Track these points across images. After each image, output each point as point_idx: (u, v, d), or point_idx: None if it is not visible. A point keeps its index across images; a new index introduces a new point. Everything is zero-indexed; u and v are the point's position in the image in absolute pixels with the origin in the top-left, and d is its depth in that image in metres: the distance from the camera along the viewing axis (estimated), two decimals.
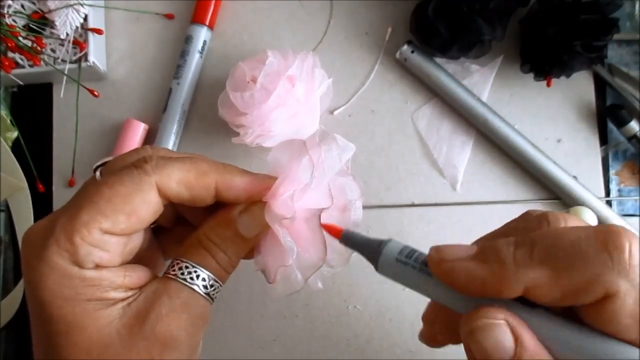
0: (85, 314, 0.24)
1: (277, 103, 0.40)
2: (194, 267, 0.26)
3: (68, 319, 0.24)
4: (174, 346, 0.25)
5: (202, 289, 0.26)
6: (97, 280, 0.25)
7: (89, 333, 0.24)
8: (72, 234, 0.24)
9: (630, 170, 0.46)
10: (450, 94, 0.44)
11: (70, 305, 0.24)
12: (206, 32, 0.46)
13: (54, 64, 0.45)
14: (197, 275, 0.26)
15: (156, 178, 0.25)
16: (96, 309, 0.25)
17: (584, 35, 0.40)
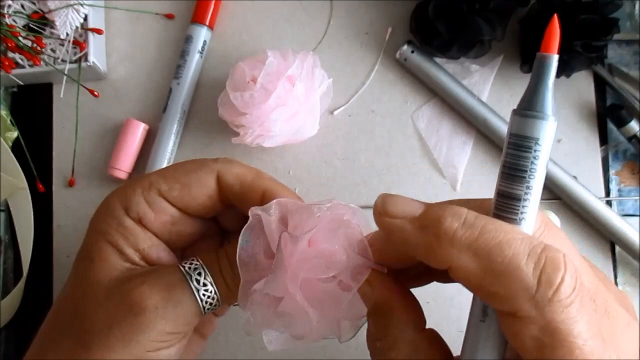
0: (102, 252, 0.28)
1: (277, 103, 0.40)
2: (206, 273, 0.27)
3: (90, 249, 0.28)
4: (138, 312, 0.26)
5: (200, 294, 0.27)
6: (127, 231, 0.28)
7: (96, 271, 0.27)
8: (135, 186, 0.29)
9: (630, 170, 0.46)
10: (450, 94, 0.44)
11: (98, 240, 0.28)
12: (206, 32, 0.46)
13: (54, 64, 0.45)
14: (203, 281, 0.27)
15: (218, 167, 0.29)
16: (110, 253, 0.28)
17: (584, 35, 0.40)
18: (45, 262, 0.46)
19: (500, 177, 0.21)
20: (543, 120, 0.20)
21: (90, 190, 0.46)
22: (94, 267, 0.27)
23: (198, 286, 0.27)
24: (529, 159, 0.20)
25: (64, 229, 0.46)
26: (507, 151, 0.21)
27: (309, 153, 0.46)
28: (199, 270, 0.27)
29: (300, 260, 0.26)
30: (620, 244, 0.43)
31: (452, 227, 0.21)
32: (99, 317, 0.26)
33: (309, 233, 0.25)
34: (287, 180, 0.46)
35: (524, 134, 0.20)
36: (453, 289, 0.45)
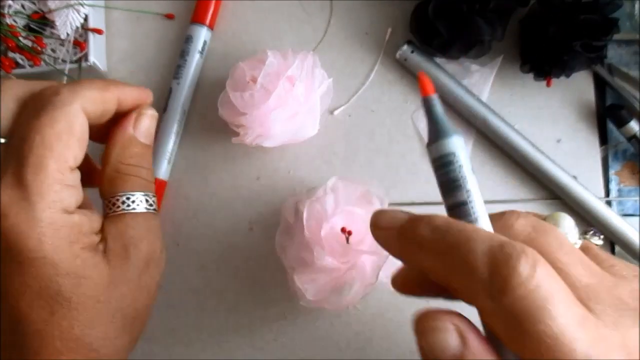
0: (85, 263, 0.26)
1: (277, 103, 0.40)
2: (131, 195, 0.29)
3: (73, 271, 0.26)
4: (157, 262, 0.30)
5: (148, 206, 0.30)
6: (81, 226, 0.27)
7: (93, 281, 0.26)
8: (51, 182, 0.25)
9: (630, 170, 0.46)
10: (450, 94, 0.44)
11: (72, 256, 0.26)
12: (206, 32, 0.46)
13: (54, 64, 0.45)
14: (137, 199, 0.29)
15: (80, 102, 0.27)
16: (89, 256, 0.27)
17: (584, 35, 0.40)
18: None
19: (443, 196, 0.24)
20: (449, 138, 0.24)
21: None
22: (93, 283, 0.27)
23: (142, 205, 0.30)
24: (455, 169, 0.24)
25: None
26: (437, 174, 0.24)
27: (309, 153, 0.46)
28: (129, 199, 0.29)
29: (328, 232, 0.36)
30: (620, 244, 0.43)
31: (423, 232, 0.22)
32: None
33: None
34: (287, 180, 0.46)
35: (442, 154, 0.24)
36: None
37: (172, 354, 0.45)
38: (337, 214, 0.38)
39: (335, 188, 0.39)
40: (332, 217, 0.37)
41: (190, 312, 0.45)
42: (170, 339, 0.45)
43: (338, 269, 0.37)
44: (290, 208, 0.41)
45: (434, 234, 0.22)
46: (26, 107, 0.27)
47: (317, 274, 0.37)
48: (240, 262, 0.45)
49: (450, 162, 0.24)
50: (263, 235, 0.45)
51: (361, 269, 0.37)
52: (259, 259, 0.45)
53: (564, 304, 0.19)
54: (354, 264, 0.37)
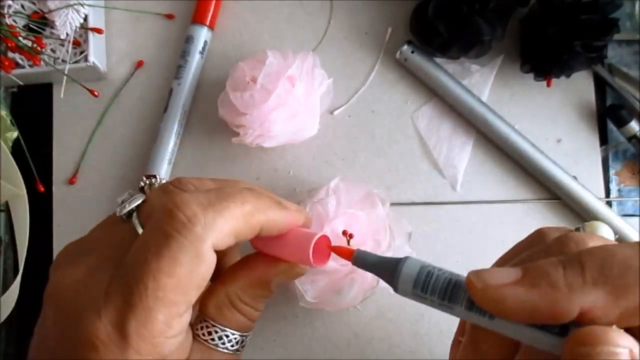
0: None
1: (277, 103, 0.40)
2: (228, 332, 0.26)
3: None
4: None
5: (234, 347, 0.26)
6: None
7: None
8: (155, 336, 0.22)
9: (630, 170, 0.46)
10: (450, 94, 0.44)
11: None
12: (207, 32, 0.46)
13: (54, 64, 0.45)
14: (232, 340, 0.26)
15: (212, 240, 0.23)
16: None
17: (584, 35, 0.40)
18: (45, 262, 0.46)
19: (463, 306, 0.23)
20: (404, 262, 0.23)
21: (90, 190, 0.47)
22: None
23: (228, 344, 0.26)
24: (437, 272, 0.23)
25: (63, 229, 0.46)
26: (436, 293, 0.23)
27: (309, 153, 0.46)
28: (219, 334, 0.26)
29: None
30: None
31: (560, 273, 0.20)
32: None
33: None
34: (287, 181, 0.46)
35: (415, 279, 0.23)
36: None
37: None
38: (338, 216, 0.38)
39: (337, 189, 0.39)
40: (334, 220, 0.37)
41: None
42: None
43: (338, 271, 0.37)
44: None
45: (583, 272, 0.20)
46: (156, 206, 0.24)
47: (317, 275, 0.37)
48: None
49: (428, 272, 0.23)
50: None
51: (362, 272, 0.37)
52: None
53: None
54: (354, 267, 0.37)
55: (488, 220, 0.45)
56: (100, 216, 0.29)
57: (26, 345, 0.29)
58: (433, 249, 0.45)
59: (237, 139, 0.42)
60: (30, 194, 0.46)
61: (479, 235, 0.45)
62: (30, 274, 0.45)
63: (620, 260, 0.19)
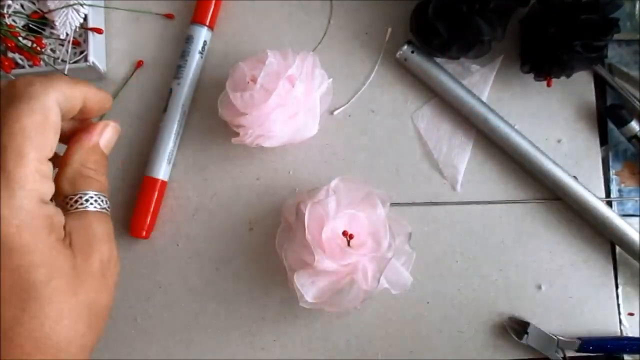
0: (58, 255, 0.27)
1: (277, 103, 0.40)
2: (93, 194, 0.31)
3: (48, 262, 0.26)
4: (114, 261, 0.30)
5: (105, 208, 0.31)
6: (54, 217, 0.27)
7: (65, 274, 0.27)
8: (31, 171, 0.26)
9: (631, 170, 0.46)
10: (450, 94, 0.44)
11: (48, 247, 0.26)
12: (206, 32, 0.46)
13: (53, 64, 0.45)
14: (96, 200, 0.31)
15: (54, 94, 0.28)
16: (62, 248, 0.27)
17: (584, 35, 0.40)
18: None
19: None
20: None
21: None
22: (64, 274, 0.28)
23: (103, 205, 0.31)
24: None
25: None
26: None
27: (309, 153, 0.46)
28: (92, 199, 0.30)
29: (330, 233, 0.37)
30: (620, 244, 0.43)
31: None
32: None
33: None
34: (287, 180, 0.46)
35: None
36: (453, 289, 0.45)
37: (172, 354, 0.45)
38: (338, 217, 0.38)
39: (337, 189, 0.39)
40: (334, 220, 0.37)
41: (190, 312, 0.45)
42: (170, 339, 0.45)
43: (338, 272, 0.37)
44: (291, 208, 0.41)
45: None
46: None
47: (317, 275, 0.37)
48: (240, 262, 0.45)
49: None
50: (263, 235, 0.45)
51: (362, 273, 0.37)
52: (259, 259, 0.45)
53: None
54: (355, 268, 0.37)
55: (488, 220, 0.45)
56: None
57: None
58: (433, 249, 0.45)
59: (237, 139, 0.42)
60: None
61: (479, 235, 0.45)
62: None
63: None
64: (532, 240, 0.45)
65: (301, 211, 0.38)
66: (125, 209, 0.46)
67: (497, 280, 0.45)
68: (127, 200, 0.46)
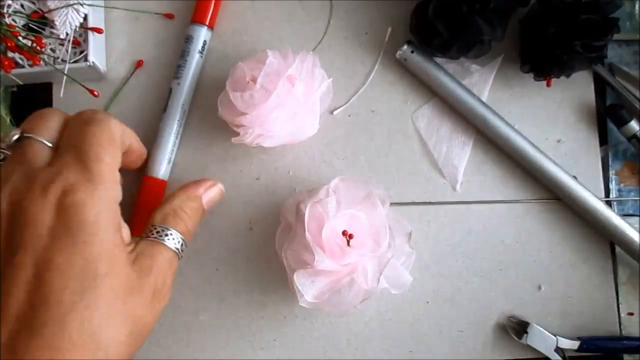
0: (120, 254, 0.30)
1: (276, 103, 0.40)
2: (175, 232, 0.34)
3: (110, 257, 0.29)
4: (165, 294, 0.33)
5: (178, 248, 0.34)
6: (120, 219, 0.31)
7: (120, 277, 0.29)
8: (109, 170, 0.31)
9: (630, 170, 0.46)
10: (450, 94, 0.44)
11: (113, 243, 0.29)
12: (206, 32, 0.46)
13: (53, 63, 0.45)
14: (175, 239, 0.34)
15: (115, 122, 0.33)
16: (123, 251, 0.30)
17: (584, 35, 0.40)
18: None
19: None
20: None
21: None
22: (121, 279, 0.31)
23: (176, 244, 0.35)
24: None
25: None
26: None
27: (309, 153, 0.46)
28: (168, 234, 0.34)
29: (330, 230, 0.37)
30: (620, 244, 0.43)
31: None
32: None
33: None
34: (287, 180, 0.46)
35: None
36: (453, 288, 0.45)
37: (172, 354, 0.45)
38: (338, 217, 0.38)
39: (337, 189, 0.39)
40: (334, 220, 0.37)
41: (190, 312, 0.45)
42: (171, 339, 0.45)
43: (338, 271, 0.37)
44: (291, 208, 0.41)
45: None
46: (69, 123, 0.32)
47: (316, 275, 0.37)
48: (240, 262, 0.45)
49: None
50: (263, 235, 0.45)
51: (362, 273, 0.37)
52: (259, 259, 0.45)
53: None
54: (355, 268, 0.37)
55: (488, 220, 0.45)
56: None
57: None
58: (433, 249, 0.45)
59: (237, 139, 0.42)
60: None
61: (479, 235, 0.45)
62: None
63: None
64: (532, 240, 0.45)
65: (301, 211, 0.38)
66: (125, 209, 0.45)
67: (497, 280, 0.45)
68: (126, 200, 0.46)
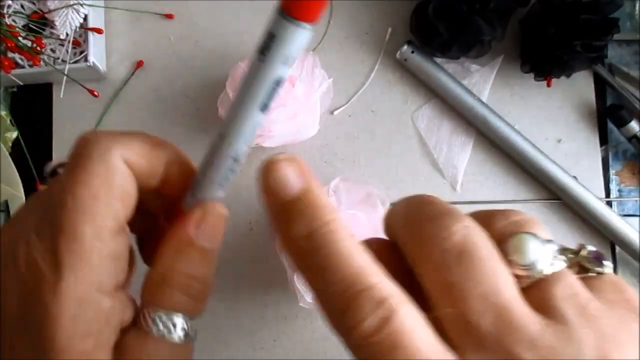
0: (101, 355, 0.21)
1: (277, 103, 0.40)
2: (167, 315, 0.23)
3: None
4: None
5: (182, 335, 0.23)
6: (109, 317, 0.21)
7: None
8: (87, 253, 0.21)
9: (631, 170, 0.46)
10: (450, 94, 0.44)
11: (89, 345, 0.21)
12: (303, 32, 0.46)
13: (53, 64, 0.45)
14: (174, 324, 0.23)
15: (119, 150, 0.22)
16: (107, 355, 0.21)
17: (584, 35, 0.40)
18: None
19: None
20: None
21: None
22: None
23: (175, 332, 0.23)
24: None
25: None
26: None
27: (309, 153, 0.46)
28: (162, 321, 0.23)
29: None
30: (620, 244, 0.43)
31: (296, 232, 0.20)
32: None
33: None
34: None
35: None
36: None
37: None
38: None
39: (337, 189, 0.39)
40: None
41: None
42: None
43: None
44: None
45: (307, 242, 0.19)
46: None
47: None
48: (241, 262, 0.45)
49: None
50: (263, 235, 0.45)
51: None
52: (259, 259, 0.45)
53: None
54: None
55: None
56: None
57: None
58: None
59: None
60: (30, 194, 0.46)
61: None
62: None
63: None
64: None
65: None
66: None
67: None
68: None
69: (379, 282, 0.18)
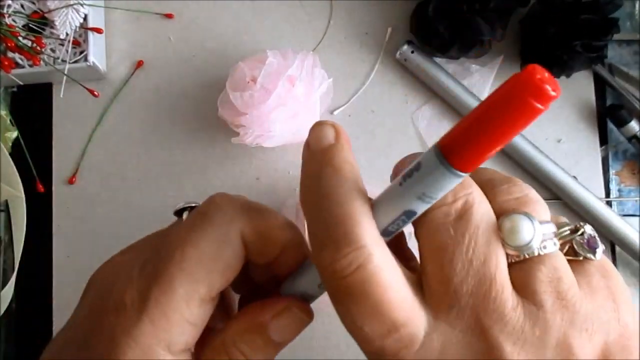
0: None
1: (277, 103, 0.40)
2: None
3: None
4: None
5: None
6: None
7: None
8: (170, 311, 0.21)
9: (631, 170, 0.46)
10: (450, 94, 0.44)
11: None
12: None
13: (53, 64, 0.45)
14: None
15: (240, 225, 0.22)
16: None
17: (584, 35, 0.40)
18: (45, 262, 0.46)
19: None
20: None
21: (90, 190, 0.46)
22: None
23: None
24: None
25: (63, 229, 0.46)
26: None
27: None
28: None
29: None
30: (620, 244, 0.43)
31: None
32: None
33: None
34: (287, 181, 0.46)
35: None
36: None
37: None
38: None
39: None
40: None
41: None
42: None
43: None
44: (291, 208, 0.41)
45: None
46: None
47: None
48: None
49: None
50: None
51: None
52: None
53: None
54: None
55: None
56: (100, 216, 0.29)
57: (25, 345, 0.29)
58: None
59: (237, 139, 0.42)
60: (30, 194, 0.46)
61: None
62: (29, 274, 0.45)
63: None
64: None
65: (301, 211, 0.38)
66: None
67: None
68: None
69: (365, 228, 0.19)
